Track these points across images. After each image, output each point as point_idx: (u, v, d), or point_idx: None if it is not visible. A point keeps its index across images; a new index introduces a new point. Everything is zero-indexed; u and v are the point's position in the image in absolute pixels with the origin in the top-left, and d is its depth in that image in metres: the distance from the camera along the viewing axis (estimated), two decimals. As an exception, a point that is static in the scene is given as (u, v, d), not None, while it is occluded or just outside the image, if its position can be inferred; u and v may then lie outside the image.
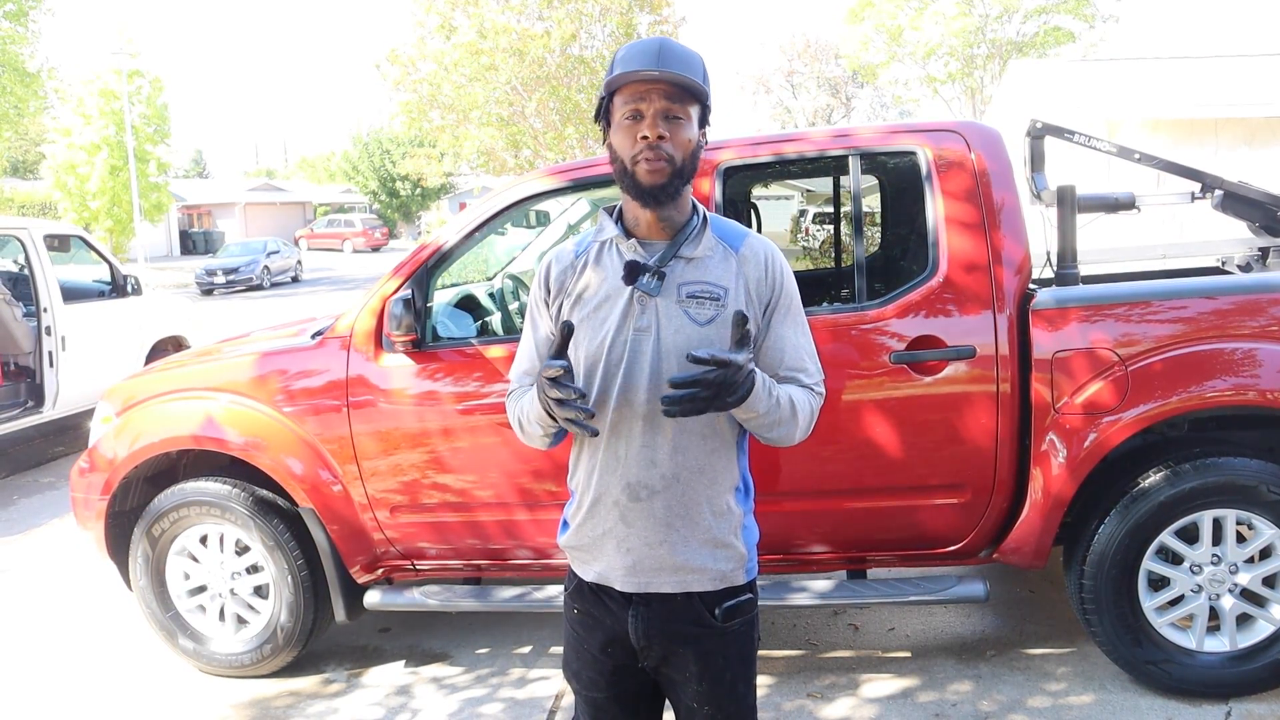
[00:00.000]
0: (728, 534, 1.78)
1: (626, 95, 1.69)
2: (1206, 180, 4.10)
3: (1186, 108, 15.07)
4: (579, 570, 1.86)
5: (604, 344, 1.73)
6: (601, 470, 1.76)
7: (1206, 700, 3.18)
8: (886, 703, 3.31)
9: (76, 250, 8.31)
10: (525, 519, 3.40)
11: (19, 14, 21.99)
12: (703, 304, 1.71)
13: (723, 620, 1.78)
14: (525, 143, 21.38)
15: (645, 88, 1.67)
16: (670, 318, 1.71)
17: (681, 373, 1.59)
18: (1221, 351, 3.06)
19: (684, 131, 1.69)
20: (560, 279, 1.81)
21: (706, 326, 1.71)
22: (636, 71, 1.66)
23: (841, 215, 4.99)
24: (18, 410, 6.88)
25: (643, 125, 1.68)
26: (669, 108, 1.68)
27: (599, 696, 1.88)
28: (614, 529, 1.76)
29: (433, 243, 3.52)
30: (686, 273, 1.74)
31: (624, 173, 1.72)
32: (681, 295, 1.72)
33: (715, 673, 1.78)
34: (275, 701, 3.57)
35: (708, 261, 1.75)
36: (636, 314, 1.72)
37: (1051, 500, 3.13)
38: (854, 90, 45.92)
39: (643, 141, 1.68)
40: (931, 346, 3.15)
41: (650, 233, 1.76)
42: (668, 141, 1.68)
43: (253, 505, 3.56)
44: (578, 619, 1.87)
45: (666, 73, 1.66)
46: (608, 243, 1.79)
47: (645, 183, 1.69)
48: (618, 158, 1.73)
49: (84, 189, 28.32)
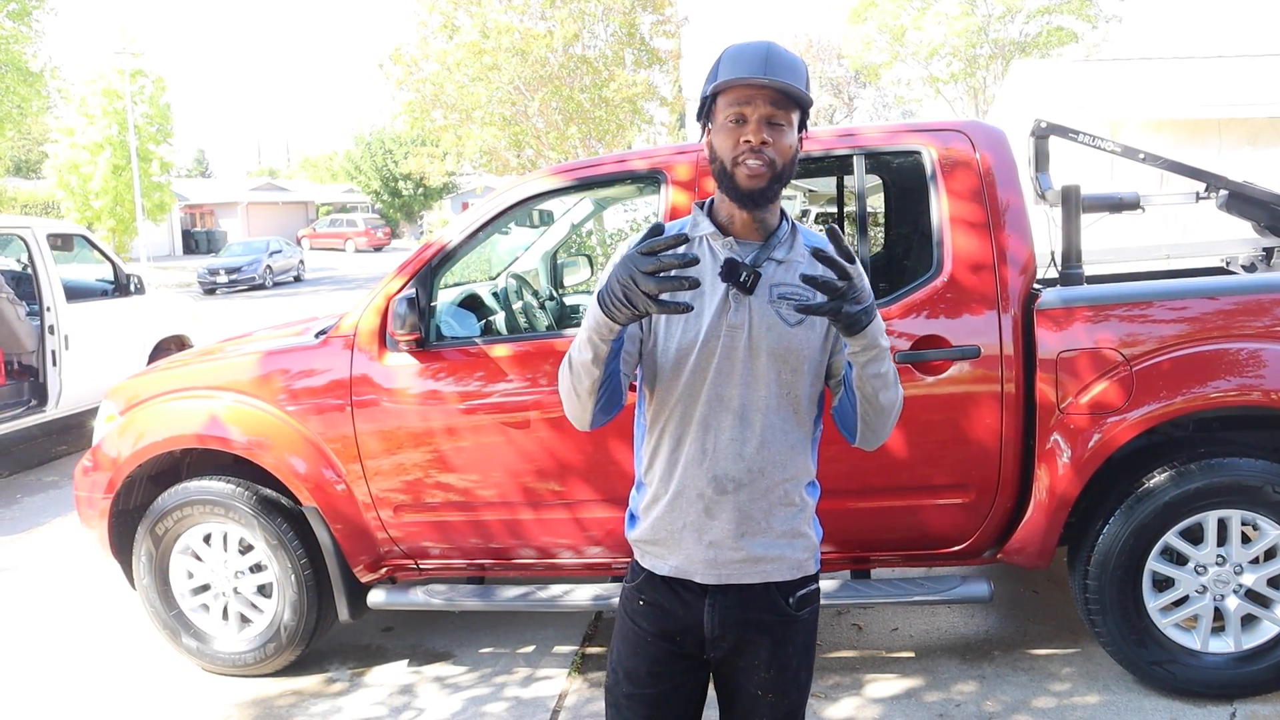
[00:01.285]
0: (803, 524, 1.83)
1: (732, 98, 1.72)
2: (1211, 180, 4.10)
3: (1189, 108, 15.06)
4: (650, 564, 1.86)
5: (698, 337, 1.75)
6: (686, 463, 1.78)
7: (1211, 701, 3.17)
8: (890, 703, 3.31)
9: (79, 249, 8.31)
10: (529, 518, 3.40)
11: (22, 13, 22.00)
12: (793, 306, 1.74)
13: (796, 608, 1.83)
14: (528, 142, 21.37)
15: (751, 93, 1.70)
16: (763, 316, 1.74)
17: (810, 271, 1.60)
18: (1226, 352, 3.05)
19: (785, 138, 1.72)
20: None
21: (796, 328, 1.75)
22: (745, 79, 1.69)
23: (846, 214, 4.99)
24: (21, 409, 6.88)
25: (746, 129, 1.71)
26: (773, 114, 1.70)
27: (655, 692, 1.86)
28: (696, 521, 1.78)
29: (437, 242, 3.52)
30: (778, 274, 1.77)
31: (723, 174, 1.74)
32: (774, 296, 1.75)
33: (784, 660, 1.83)
34: (278, 701, 3.57)
35: (797, 266, 1.78)
36: (730, 311, 1.75)
37: (1056, 500, 3.12)
38: (856, 90, 45.95)
39: (745, 145, 1.70)
40: (936, 346, 3.14)
41: (744, 232, 1.79)
42: (770, 147, 1.70)
43: (256, 504, 3.56)
44: (643, 611, 1.86)
45: (775, 81, 1.68)
46: (700, 239, 1.81)
47: (745, 186, 1.72)
48: (718, 158, 1.75)
49: (87, 188, 28.35)
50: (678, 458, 1.79)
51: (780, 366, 1.75)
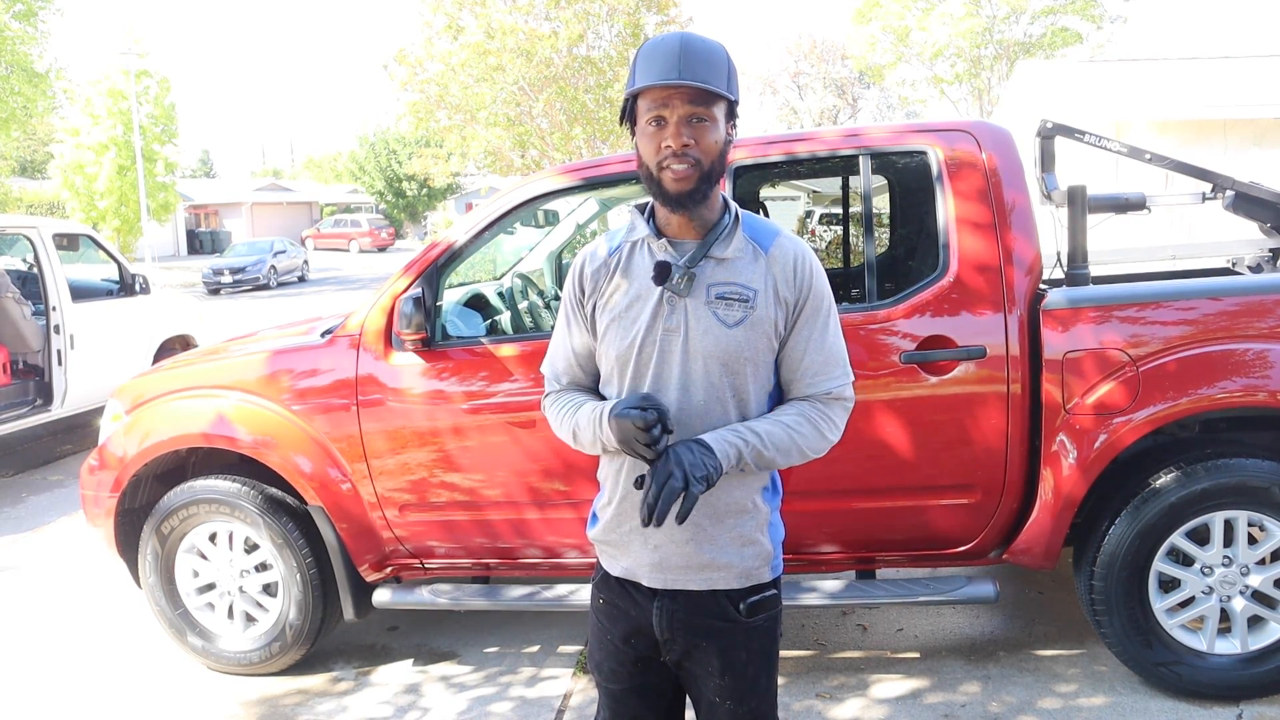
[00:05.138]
0: (754, 531, 1.80)
1: (649, 100, 1.67)
2: (1218, 181, 4.09)
3: (1195, 108, 15.04)
4: (606, 564, 1.87)
5: (634, 344, 1.73)
6: (630, 467, 1.76)
7: (1217, 703, 3.17)
8: (895, 703, 3.30)
9: (85, 249, 8.33)
10: (534, 518, 3.40)
11: (28, 14, 22.04)
12: (731, 305, 1.71)
13: (746, 615, 1.80)
14: (532, 143, 21.40)
15: (667, 93, 1.65)
16: (699, 319, 1.71)
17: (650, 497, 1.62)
18: (1233, 352, 3.05)
19: (710, 134, 1.67)
20: (594, 278, 1.81)
21: (735, 328, 1.71)
22: (658, 82, 1.64)
23: (852, 215, 4.99)
24: (26, 408, 6.90)
25: (666, 132, 1.66)
26: (693, 111, 1.65)
27: (620, 689, 1.89)
28: (641, 525, 1.75)
29: (443, 241, 3.52)
30: (716, 273, 1.73)
31: (650, 178, 1.71)
32: (710, 296, 1.71)
33: (738, 667, 1.79)
34: (284, 700, 3.58)
35: (738, 262, 1.74)
36: (666, 314, 1.72)
37: (1062, 501, 3.12)
38: (860, 91, 45.89)
39: (666, 150, 1.66)
40: (942, 346, 3.14)
41: (681, 232, 1.76)
42: (694, 148, 1.66)
43: (262, 503, 3.57)
44: (603, 609, 1.88)
45: (687, 83, 1.63)
46: (639, 242, 1.79)
47: (671, 190, 1.69)
48: (644, 163, 1.71)
49: (92, 188, 28.39)
50: (623, 461, 1.78)
51: (720, 369, 1.71)
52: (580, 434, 1.77)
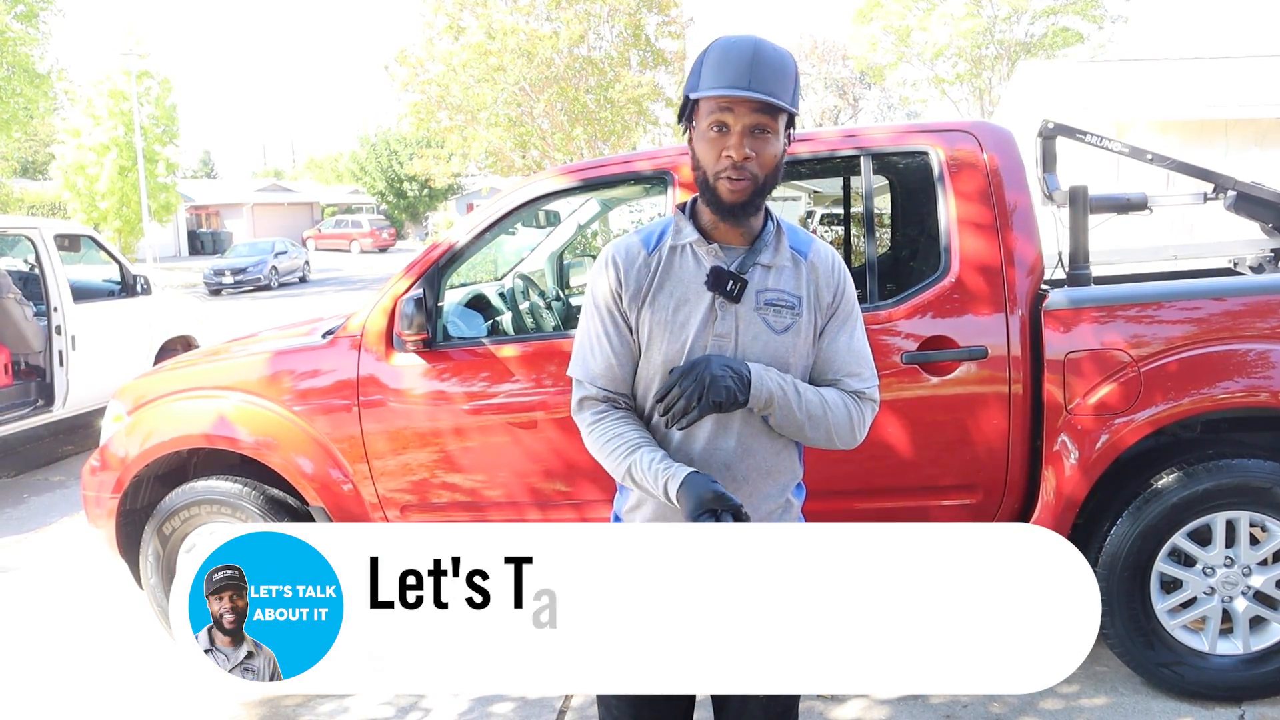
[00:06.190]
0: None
1: (714, 105, 1.66)
2: (1219, 181, 4.08)
3: (1196, 108, 15.03)
4: None
5: (684, 349, 1.72)
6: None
7: (1219, 704, 3.16)
8: (897, 704, 3.30)
9: (86, 250, 8.33)
10: (536, 519, 3.40)
11: (30, 15, 22.06)
12: (780, 312, 1.73)
13: None
14: (533, 143, 21.42)
15: (734, 102, 1.64)
16: (749, 325, 1.72)
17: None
18: (1234, 353, 3.05)
19: (770, 147, 1.67)
20: (635, 278, 1.77)
21: (783, 335, 1.73)
22: (727, 92, 1.63)
23: (853, 215, 4.99)
24: (28, 409, 6.90)
25: (729, 142, 1.65)
26: (757, 122, 1.64)
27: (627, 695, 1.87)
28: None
29: (444, 242, 3.52)
30: (765, 280, 1.74)
31: (705, 185, 1.70)
32: (760, 303, 1.73)
33: None
34: (285, 700, 3.58)
35: (783, 270, 1.75)
36: (717, 320, 1.72)
37: (1063, 502, 3.11)
38: (861, 91, 45.89)
39: (727, 160, 1.65)
40: (943, 347, 3.14)
41: (728, 238, 1.76)
42: (754, 161, 1.66)
43: (263, 504, 3.57)
44: None
45: (758, 95, 1.62)
46: (683, 246, 1.77)
47: (727, 200, 1.68)
48: (700, 167, 1.70)
49: (93, 189, 28.42)
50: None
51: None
52: (641, 484, 1.73)
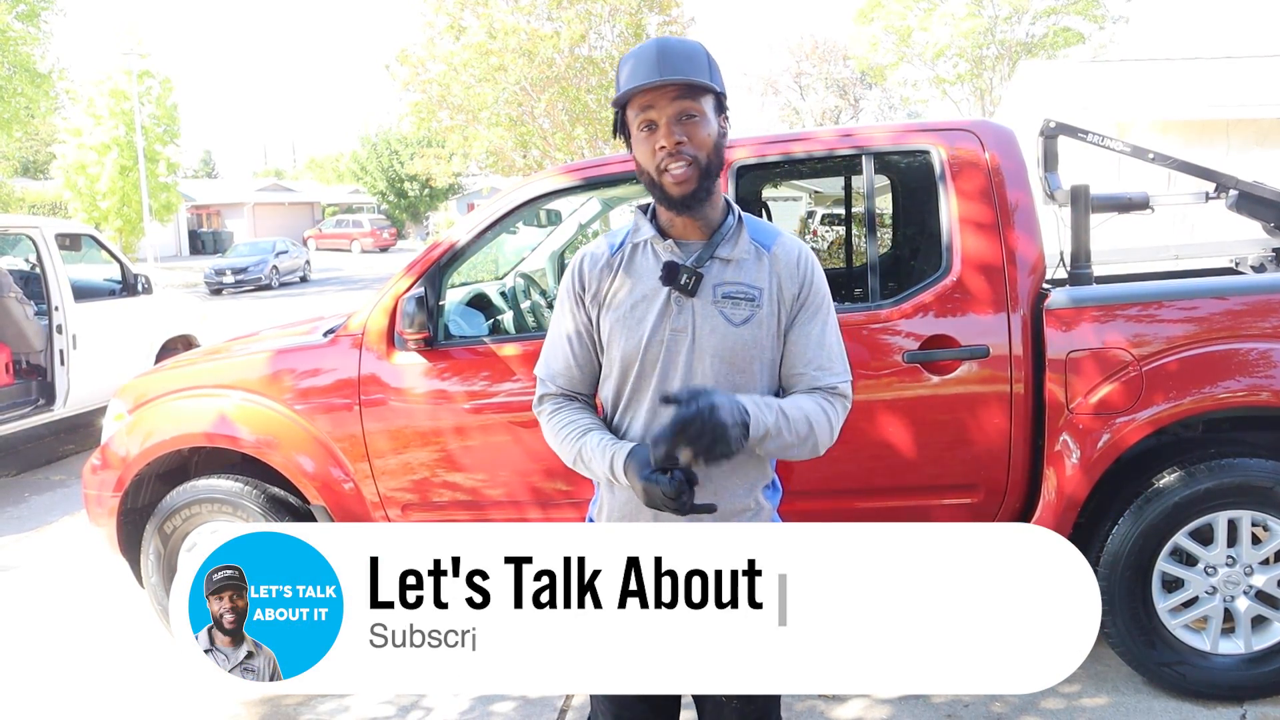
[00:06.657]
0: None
1: (637, 107, 1.69)
2: (1221, 180, 4.08)
3: (1197, 108, 15.02)
4: None
5: (640, 344, 1.73)
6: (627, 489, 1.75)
7: (1221, 703, 3.16)
8: (898, 704, 3.30)
9: (87, 249, 8.34)
10: (537, 517, 3.41)
11: (31, 15, 22.09)
12: (738, 305, 1.72)
13: None
14: (534, 143, 21.42)
15: (652, 95, 1.67)
16: (706, 318, 1.72)
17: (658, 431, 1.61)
18: (1236, 352, 3.04)
19: (702, 128, 1.69)
20: (597, 277, 1.81)
21: (741, 327, 1.72)
22: (642, 84, 1.66)
23: (854, 215, 4.98)
24: (29, 408, 6.91)
25: (658, 135, 1.68)
26: (681, 108, 1.67)
27: (610, 694, 1.88)
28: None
29: (445, 241, 3.52)
30: (723, 273, 1.74)
31: (652, 184, 1.73)
32: (717, 296, 1.73)
33: None
34: (286, 699, 3.58)
35: (743, 263, 1.75)
36: (673, 315, 1.73)
37: (1065, 501, 3.11)
38: (862, 91, 45.85)
39: (661, 151, 1.67)
40: (945, 346, 3.14)
41: (686, 232, 1.77)
42: (687, 145, 1.67)
43: (264, 503, 3.57)
44: None
45: (669, 79, 1.65)
46: (643, 243, 1.79)
47: (674, 194, 1.70)
48: (644, 170, 1.73)
49: (94, 189, 28.45)
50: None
51: (727, 368, 1.72)
52: (589, 464, 1.76)
